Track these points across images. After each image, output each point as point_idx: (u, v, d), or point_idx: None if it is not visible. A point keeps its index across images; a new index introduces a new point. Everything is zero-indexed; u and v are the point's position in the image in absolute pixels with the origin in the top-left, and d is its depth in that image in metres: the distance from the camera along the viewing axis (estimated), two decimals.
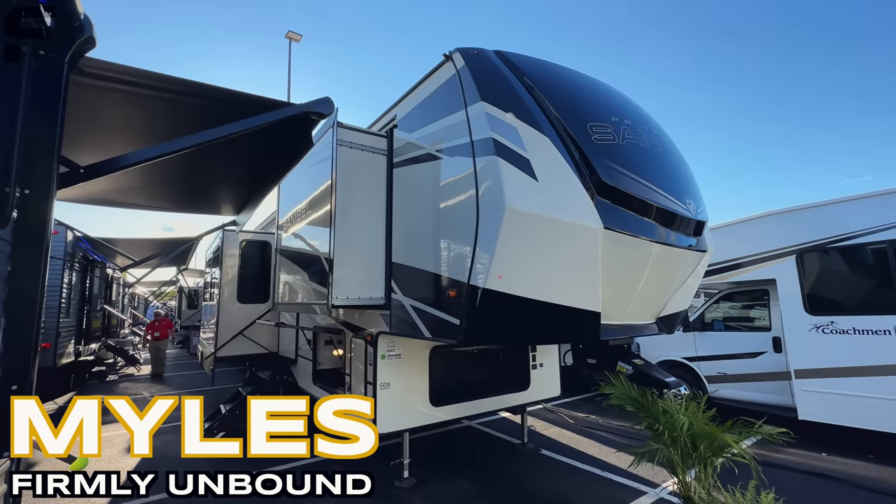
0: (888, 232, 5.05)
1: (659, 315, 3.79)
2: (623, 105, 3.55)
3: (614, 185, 2.98)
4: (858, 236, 5.29)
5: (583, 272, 2.97)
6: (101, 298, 10.26)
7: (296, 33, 15.65)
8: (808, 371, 5.56)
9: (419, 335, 3.56)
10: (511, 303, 2.89)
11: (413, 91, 4.04)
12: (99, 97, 3.04)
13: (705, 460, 3.01)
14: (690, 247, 3.45)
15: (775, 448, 5.53)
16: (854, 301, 5.41)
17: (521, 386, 5.48)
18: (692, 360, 7.11)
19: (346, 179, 4.01)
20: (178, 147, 2.68)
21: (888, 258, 5.06)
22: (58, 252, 7.46)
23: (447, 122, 3.41)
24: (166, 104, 3.17)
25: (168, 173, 4.96)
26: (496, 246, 2.77)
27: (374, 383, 4.28)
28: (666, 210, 3.12)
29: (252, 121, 2.91)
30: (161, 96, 3.05)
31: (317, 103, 3.15)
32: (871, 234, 5.18)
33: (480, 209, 2.91)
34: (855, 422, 5.16)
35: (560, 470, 4.98)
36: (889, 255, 5.04)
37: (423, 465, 4.95)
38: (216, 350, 7.07)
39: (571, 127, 3.05)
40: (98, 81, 2.84)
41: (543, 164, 2.89)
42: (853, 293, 5.45)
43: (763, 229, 6.30)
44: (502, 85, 3.17)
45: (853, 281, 5.44)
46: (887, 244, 5.06)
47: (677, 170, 3.41)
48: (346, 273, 3.97)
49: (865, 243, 5.25)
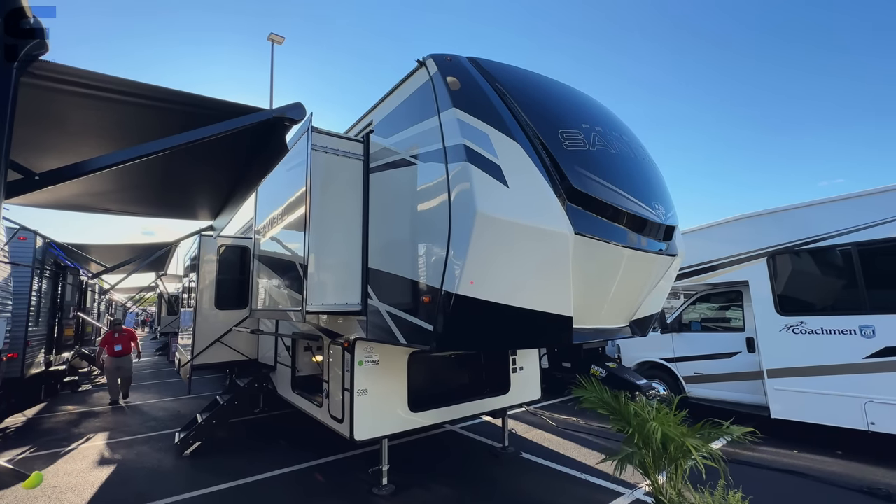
0: (852, 234, 5.23)
1: (632, 318, 3.85)
2: (595, 112, 3.61)
3: (585, 191, 3.03)
4: (825, 239, 5.46)
5: (554, 277, 2.99)
6: (73, 306, 9.96)
7: (278, 35, 15.52)
8: (780, 370, 5.71)
9: (395, 341, 3.54)
10: (483, 308, 2.90)
11: (389, 96, 4.04)
12: (66, 102, 2.96)
13: (675, 462, 3.06)
14: (661, 251, 3.51)
15: (749, 446, 5.67)
16: (822, 302, 5.58)
17: (502, 390, 5.50)
18: (670, 361, 7.24)
19: (320, 184, 3.98)
20: (141, 153, 2.62)
21: (853, 260, 5.23)
22: (26, 259, 7.23)
23: (421, 128, 3.41)
24: (135, 109, 3.11)
25: (141, 178, 4.85)
26: (468, 252, 2.78)
27: (350, 390, 4.25)
28: (636, 215, 3.17)
29: (219, 126, 2.86)
30: (130, 101, 2.98)
31: (288, 108, 3.12)
32: (837, 237, 5.35)
33: (452, 215, 2.92)
34: (824, 419, 5.31)
35: (539, 473, 5.00)
36: (854, 256, 5.22)
37: (402, 472, 4.92)
38: (193, 357, 6.93)
39: (542, 133, 3.09)
40: (64, 86, 2.77)
41: (514, 170, 2.92)
42: (821, 294, 5.62)
43: (736, 232, 6.46)
44: (475, 91, 3.19)
45: (821, 282, 5.62)
46: (852, 246, 5.24)
47: (647, 175, 3.47)
48: (321, 279, 3.94)
49: (832, 245, 5.42)
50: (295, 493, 4.56)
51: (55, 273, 8.85)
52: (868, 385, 4.99)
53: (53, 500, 4.51)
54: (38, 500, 4.51)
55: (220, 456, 5.65)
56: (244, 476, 4.94)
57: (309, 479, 4.88)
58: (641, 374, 7.65)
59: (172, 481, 4.88)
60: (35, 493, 4.63)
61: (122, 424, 7.39)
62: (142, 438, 6.54)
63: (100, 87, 2.82)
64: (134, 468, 5.35)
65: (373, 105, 4.33)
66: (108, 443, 6.37)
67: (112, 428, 7.16)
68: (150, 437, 6.63)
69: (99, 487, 4.78)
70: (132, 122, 3.19)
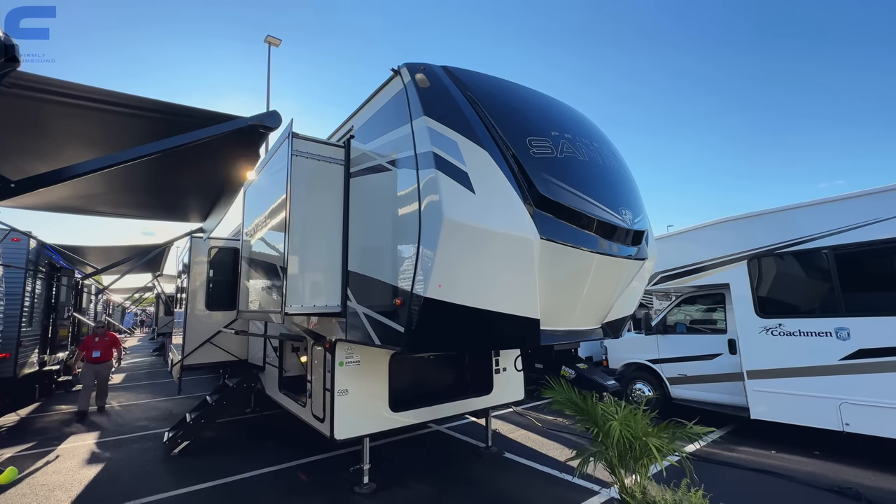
0: (828, 238, 5.32)
1: (604, 321, 3.93)
2: (566, 119, 3.70)
3: (551, 197, 3.11)
4: (802, 242, 5.55)
5: (520, 281, 3.08)
6: (67, 307, 10.05)
7: (275, 38, 15.64)
8: (759, 372, 5.79)
9: (371, 343, 3.63)
10: (452, 311, 2.99)
11: (368, 103, 4.13)
12: (48, 111, 3.07)
13: (640, 460, 3.14)
14: (630, 256, 3.59)
15: (727, 446, 5.76)
16: (800, 304, 5.67)
17: (485, 390, 5.58)
18: (655, 363, 7.32)
19: (301, 189, 4.06)
20: (117, 160, 2.73)
21: (829, 263, 5.32)
22: (19, 261, 7.33)
23: (396, 135, 3.50)
24: (116, 118, 3.21)
25: (129, 182, 4.98)
26: (435, 256, 2.87)
27: (331, 390, 4.33)
28: (602, 221, 3.25)
29: (195, 134, 2.97)
30: (110, 110, 3.09)
31: (264, 116, 3.23)
32: (814, 241, 5.44)
33: (422, 220, 3.01)
34: (801, 420, 5.39)
35: (519, 472, 5.09)
36: (829, 260, 5.30)
37: (384, 471, 5.01)
38: (183, 358, 7.02)
39: (510, 141, 3.18)
40: (45, 95, 2.88)
41: (481, 177, 3.01)
42: (799, 297, 5.71)
43: (718, 235, 6.55)
44: (445, 100, 3.28)
45: (798, 285, 5.70)
46: (828, 250, 5.32)
47: (615, 181, 3.56)
48: (301, 282, 4.03)
49: (808, 249, 5.50)
50: (277, 491, 4.65)
51: (49, 274, 8.95)
52: (843, 386, 5.07)
53: (41, 497, 4.60)
54: (25, 497, 4.60)
55: (208, 455, 5.74)
56: (229, 475, 5.02)
57: (292, 478, 4.96)
58: (627, 376, 7.75)
59: (158, 480, 4.97)
60: (23, 491, 4.73)
61: (113, 424, 7.48)
62: (132, 438, 6.63)
63: (81, 97, 2.93)
64: (122, 467, 5.44)
65: (354, 111, 4.42)
66: (99, 442, 6.46)
67: (104, 427, 7.25)
68: (140, 436, 6.72)
69: (86, 485, 4.87)
70: (113, 130, 3.30)
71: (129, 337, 29.20)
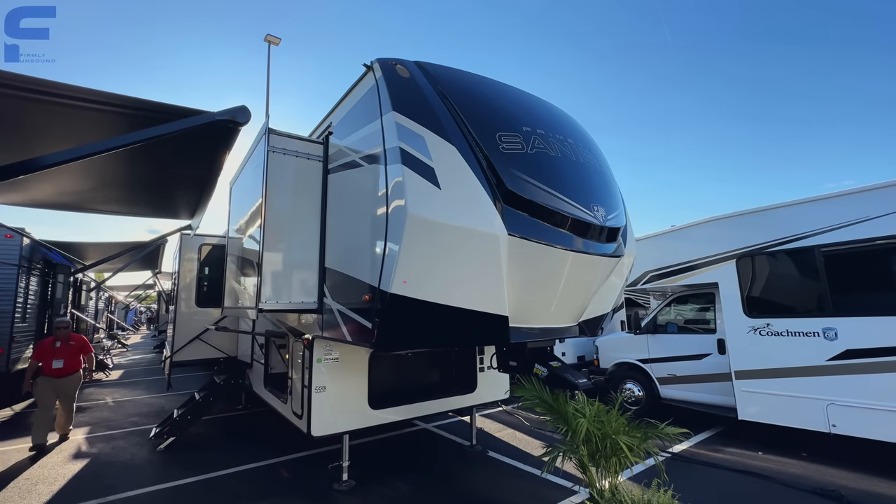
0: (816, 237, 5.24)
1: (580, 319, 3.89)
2: (540, 115, 3.66)
3: (519, 193, 3.08)
4: (790, 241, 5.47)
5: (487, 277, 3.06)
6: (63, 303, 10.14)
7: (275, 37, 15.69)
8: (747, 372, 5.72)
9: (344, 340, 3.62)
10: (418, 307, 2.97)
11: (344, 98, 4.12)
12: (14, 107, 3.09)
13: (610, 459, 3.11)
14: (605, 254, 3.55)
15: (714, 447, 5.70)
16: (787, 304, 5.60)
17: (468, 388, 5.56)
18: (645, 362, 7.26)
19: (278, 185, 4.06)
20: (81, 153, 2.73)
21: (816, 262, 5.24)
22: (12, 258, 7.40)
23: (368, 131, 3.49)
24: (85, 113, 3.22)
25: (110, 179, 4.99)
26: (400, 251, 2.85)
27: (309, 387, 4.33)
28: (572, 217, 3.21)
29: (161, 128, 2.96)
30: (80, 105, 3.10)
31: (232, 111, 3.21)
32: (801, 240, 5.36)
33: (389, 216, 2.99)
34: (788, 421, 5.32)
35: (500, 470, 5.06)
36: (816, 259, 5.23)
37: (366, 468, 5.01)
38: (172, 354, 7.06)
39: (479, 136, 3.15)
40: (14, 91, 2.89)
41: (448, 172, 2.98)
42: (786, 296, 5.63)
43: (708, 233, 6.48)
44: (415, 95, 3.26)
45: (786, 284, 5.63)
46: (815, 249, 5.24)
47: (589, 178, 3.51)
48: (276, 278, 4.03)
49: (796, 248, 5.42)
50: (257, 487, 4.66)
51: (44, 271, 9.04)
52: (830, 387, 5.00)
53: (24, 491, 4.63)
54: (8, 490, 4.64)
55: (193, 451, 5.76)
56: (211, 470, 5.04)
57: (274, 474, 4.97)
58: (618, 375, 7.70)
59: (141, 475, 4.99)
60: (6, 485, 4.77)
61: (104, 420, 7.54)
62: (121, 433, 6.67)
63: (49, 93, 2.94)
64: (107, 462, 5.47)
65: (333, 107, 4.42)
66: (88, 437, 6.50)
67: (94, 423, 7.30)
68: (129, 432, 6.76)
69: (69, 480, 4.90)
70: (81, 126, 3.31)
71: (131, 335, 29.44)
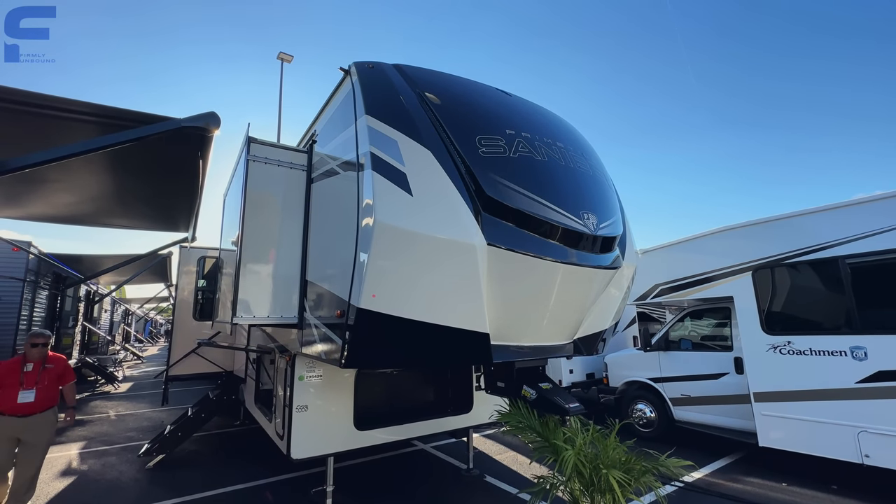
0: (841, 247, 4.81)
1: (576, 336, 3.59)
2: (526, 118, 3.43)
3: (499, 199, 2.84)
4: (811, 251, 5.04)
5: (465, 291, 2.81)
6: (72, 316, 10.26)
7: (287, 54, 16.01)
8: (767, 394, 5.25)
9: (320, 357, 3.41)
10: (388, 323, 2.74)
11: (327, 104, 3.99)
12: None
13: (604, 495, 2.78)
14: (599, 265, 3.26)
15: (734, 477, 5.23)
16: (810, 320, 5.14)
17: (464, 408, 5.26)
18: (657, 382, 6.81)
19: (258, 195, 3.92)
20: (48, 157, 2.63)
21: (842, 274, 4.80)
22: (18, 272, 7.49)
23: (344, 137, 3.33)
24: (51, 122, 3.15)
25: (96, 191, 4.96)
26: (368, 263, 2.64)
27: (289, 406, 4.12)
28: (558, 225, 2.95)
29: (127, 133, 2.86)
30: (45, 113, 3.03)
31: (200, 118, 3.10)
32: (824, 250, 4.93)
33: (359, 225, 2.80)
34: (814, 449, 4.82)
35: (494, 497, 4.73)
36: (841, 270, 4.79)
37: (352, 493, 4.74)
38: (167, 368, 6.98)
39: (457, 139, 2.94)
40: None
41: (421, 178, 2.78)
42: (809, 311, 5.17)
43: (722, 244, 6.07)
44: (390, 98, 3.09)
45: (808, 299, 5.18)
46: (840, 259, 4.81)
47: (580, 184, 3.25)
48: (254, 291, 3.85)
49: (819, 259, 4.99)
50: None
51: (54, 284, 9.16)
52: (861, 413, 4.51)
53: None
54: None
55: (180, 469, 5.59)
56: (195, 492, 4.85)
57: (257, 498, 4.74)
58: (628, 395, 7.25)
59: (123, 494, 4.84)
60: None
61: (102, 434, 7.46)
62: (115, 449, 6.56)
63: (15, 101, 2.87)
64: (93, 479, 5.34)
65: (317, 114, 4.29)
66: (81, 452, 6.41)
67: (91, 437, 7.23)
68: (122, 448, 6.64)
69: (51, 498, 4.78)
70: (47, 133, 3.24)
71: (148, 346, 29.91)
